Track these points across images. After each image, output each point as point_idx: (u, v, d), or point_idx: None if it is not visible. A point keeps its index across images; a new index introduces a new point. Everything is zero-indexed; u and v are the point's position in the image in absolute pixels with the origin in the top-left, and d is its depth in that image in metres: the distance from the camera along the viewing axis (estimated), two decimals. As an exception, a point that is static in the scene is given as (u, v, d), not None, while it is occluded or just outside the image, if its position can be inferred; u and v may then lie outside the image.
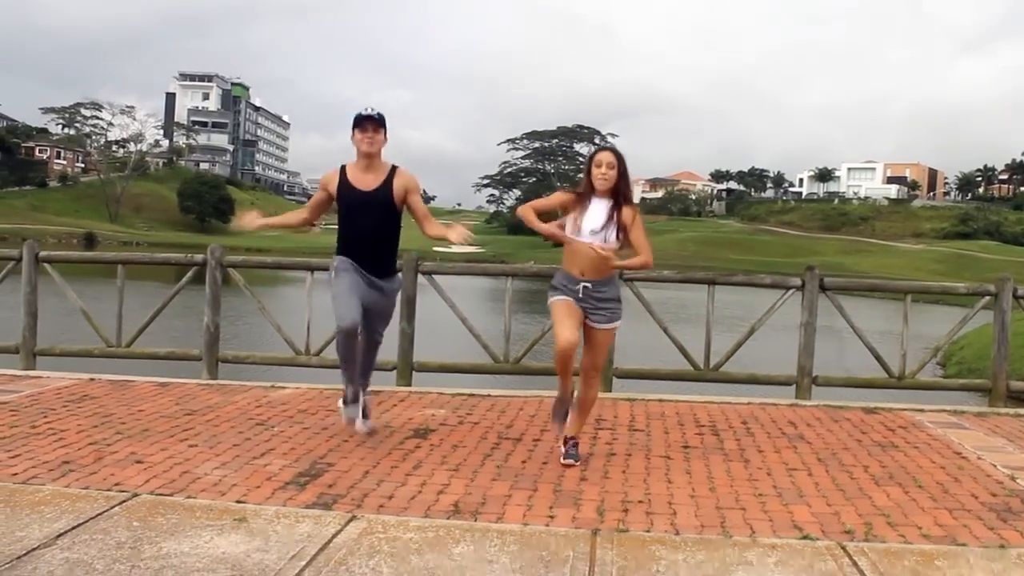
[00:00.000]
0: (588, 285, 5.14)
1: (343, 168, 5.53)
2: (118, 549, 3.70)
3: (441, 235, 5.50)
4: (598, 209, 5.12)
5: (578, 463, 5.20)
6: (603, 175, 5.09)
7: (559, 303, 5.17)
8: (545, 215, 5.31)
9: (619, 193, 5.14)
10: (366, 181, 5.46)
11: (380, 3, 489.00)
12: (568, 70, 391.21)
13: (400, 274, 5.89)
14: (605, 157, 5.13)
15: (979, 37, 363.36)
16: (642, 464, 5.32)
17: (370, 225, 5.48)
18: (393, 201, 5.47)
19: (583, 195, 5.16)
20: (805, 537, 4.12)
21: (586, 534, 4.09)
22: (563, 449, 5.31)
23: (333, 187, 5.52)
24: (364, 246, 5.49)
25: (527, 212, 5.27)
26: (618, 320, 5.28)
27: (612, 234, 5.08)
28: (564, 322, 5.09)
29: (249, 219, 5.78)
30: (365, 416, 5.76)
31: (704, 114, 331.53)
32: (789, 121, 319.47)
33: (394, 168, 5.53)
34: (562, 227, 5.21)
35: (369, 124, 5.36)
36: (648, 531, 4.17)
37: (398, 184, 5.48)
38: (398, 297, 5.86)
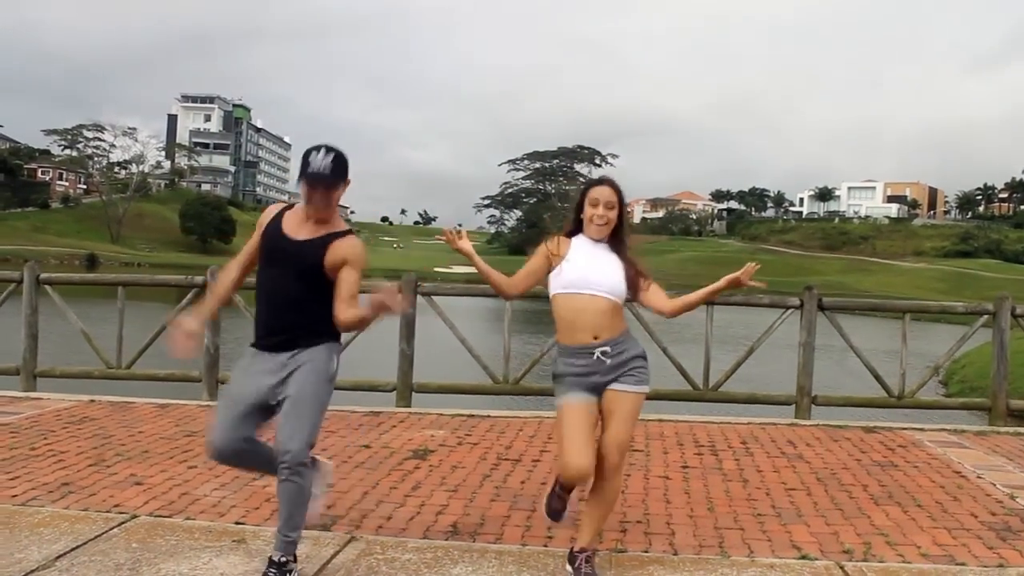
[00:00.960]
0: (607, 348, 3.81)
1: (286, 208, 3.97)
2: (117, 571, 3.70)
3: (357, 317, 3.76)
4: (596, 255, 3.90)
5: None
6: (601, 217, 3.88)
7: (573, 408, 3.78)
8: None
9: (620, 240, 3.94)
10: (301, 229, 3.80)
11: (381, 24, 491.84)
12: (571, 91, 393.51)
13: (330, 350, 3.85)
14: (603, 194, 3.89)
15: (981, 57, 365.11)
16: (641, 484, 5.32)
17: (285, 283, 3.77)
18: (321, 262, 3.74)
19: (567, 237, 3.98)
20: (803, 557, 4.13)
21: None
22: (571, 569, 3.84)
23: (264, 220, 3.94)
24: (273, 309, 3.82)
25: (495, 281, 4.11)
26: (648, 385, 3.91)
27: (618, 279, 3.86)
28: (577, 438, 3.72)
29: (185, 329, 3.83)
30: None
31: (706, 134, 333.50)
32: (791, 141, 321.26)
33: (337, 234, 3.81)
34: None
35: (318, 186, 3.70)
36: (646, 551, 4.18)
37: (335, 248, 3.76)
38: (324, 375, 3.77)
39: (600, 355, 3.81)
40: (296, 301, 3.78)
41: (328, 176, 3.71)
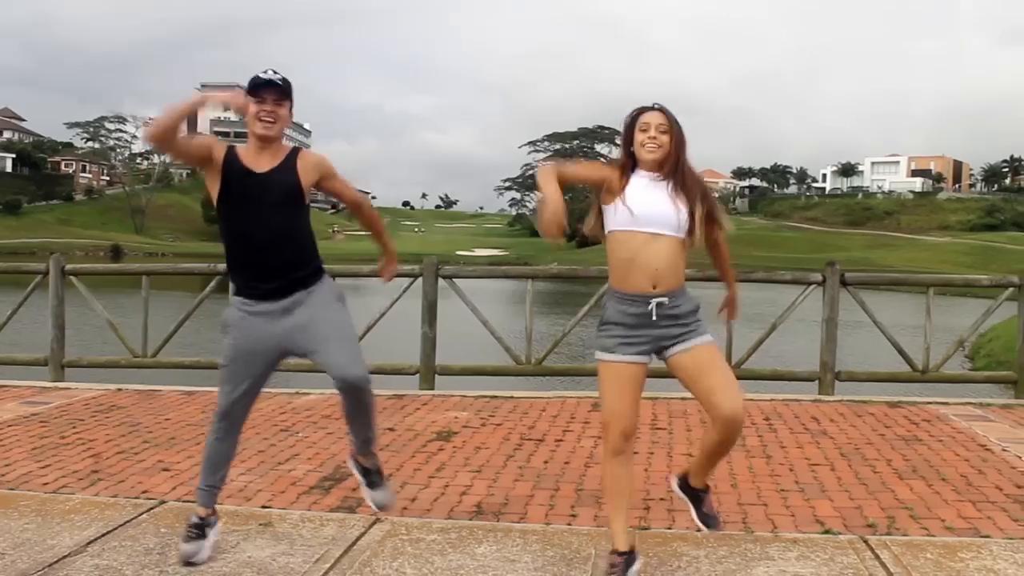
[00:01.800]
0: (664, 300, 3.48)
1: (231, 146, 3.80)
2: (147, 555, 3.77)
3: (379, 230, 4.08)
4: (652, 190, 3.52)
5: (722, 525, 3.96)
6: (653, 140, 3.50)
7: (614, 368, 3.52)
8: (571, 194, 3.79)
9: (679, 170, 3.53)
10: (260, 162, 3.72)
11: (400, 9, 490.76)
12: (592, 71, 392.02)
13: (330, 281, 3.86)
14: (653, 118, 3.52)
15: (1009, 29, 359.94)
16: (664, 462, 5.33)
17: (263, 222, 3.67)
18: (298, 187, 3.72)
19: (624, 172, 3.59)
20: (827, 531, 4.13)
21: (608, 532, 4.11)
22: (698, 512, 3.81)
23: (218, 154, 3.75)
24: (258, 253, 3.71)
25: (546, 175, 3.59)
26: (710, 333, 3.64)
27: (681, 214, 3.48)
28: (618, 398, 3.52)
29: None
30: (380, 486, 4.03)
31: (728, 112, 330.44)
32: (814, 117, 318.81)
33: (296, 149, 3.86)
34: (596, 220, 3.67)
35: (269, 93, 3.67)
36: (670, 528, 4.20)
37: (303, 164, 3.77)
38: (337, 304, 3.81)
39: (655, 307, 3.47)
40: (280, 237, 3.70)
41: (279, 80, 3.69)
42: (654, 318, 3.48)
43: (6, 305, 9.03)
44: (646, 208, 3.46)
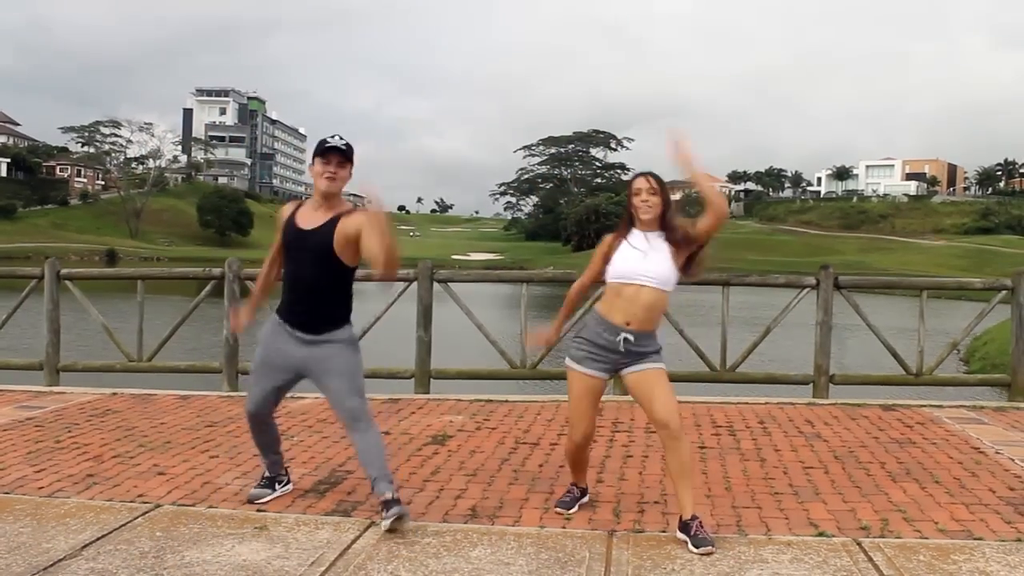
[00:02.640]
0: (630, 336, 4.19)
1: (299, 204, 4.55)
2: (142, 559, 3.77)
3: (383, 244, 4.17)
4: (648, 246, 4.25)
5: (713, 547, 3.93)
6: (644, 203, 4.24)
7: (579, 379, 4.32)
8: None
9: (668, 225, 4.27)
10: (312, 218, 4.37)
11: (394, 13, 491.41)
12: (590, 74, 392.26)
13: (350, 330, 4.48)
14: (642, 183, 4.27)
15: (1004, 33, 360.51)
16: (658, 466, 5.34)
17: (303, 270, 4.37)
18: (330, 247, 4.28)
19: (623, 232, 4.35)
20: (820, 534, 4.15)
21: (602, 535, 4.13)
22: (684, 538, 4.02)
23: (282, 219, 4.53)
24: (297, 294, 4.42)
25: (567, 302, 4.68)
26: (662, 363, 4.30)
27: (666, 269, 4.21)
28: (581, 408, 4.34)
29: (244, 317, 4.84)
30: (393, 507, 4.21)
31: (725, 116, 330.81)
32: (810, 121, 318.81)
33: (340, 215, 4.32)
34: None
35: (333, 156, 4.28)
36: (664, 531, 4.21)
37: (341, 228, 4.28)
38: (353, 355, 4.45)
39: (623, 340, 4.21)
40: (314, 286, 4.38)
41: (342, 148, 4.30)
42: (621, 350, 4.23)
43: (1, 310, 9.03)
44: (633, 267, 4.22)
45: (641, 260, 4.22)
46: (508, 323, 12.81)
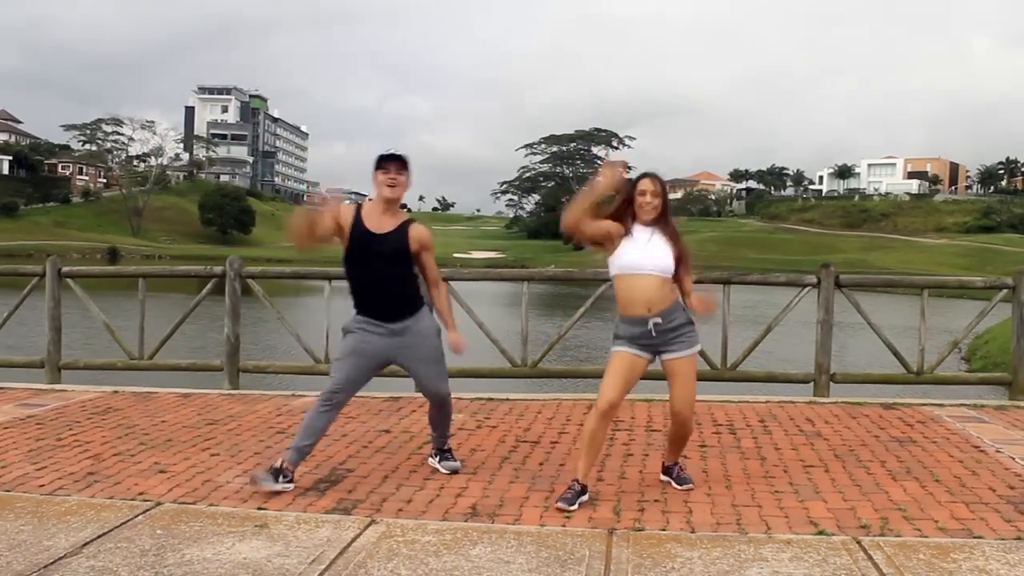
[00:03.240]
0: (659, 320, 4.63)
1: (359, 207, 5.01)
2: (142, 556, 3.78)
3: (445, 313, 5.20)
4: (648, 239, 4.69)
5: (694, 484, 4.86)
6: (649, 203, 4.67)
7: (620, 355, 4.70)
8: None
9: (667, 223, 4.75)
10: (381, 223, 4.91)
11: (396, 11, 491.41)
12: (592, 73, 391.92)
13: (430, 315, 5.10)
14: (649, 185, 4.70)
15: (1009, 30, 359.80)
16: (659, 464, 5.32)
17: (380, 272, 4.90)
18: (407, 248, 4.95)
19: (625, 225, 4.72)
20: (820, 532, 4.15)
21: (602, 533, 4.13)
22: (669, 479, 4.93)
23: (346, 221, 4.92)
24: (376, 292, 4.95)
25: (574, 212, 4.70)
26: (698, 344, 4.79)
27: (667, 258, 4.67)
28: (615, 378, 4.66)
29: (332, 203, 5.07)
30: (449, 458, 5.25)
31: (728, 114, 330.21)
32: (813, 119, 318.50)
33: (410, 220, 5.03)
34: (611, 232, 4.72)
35: (392, 165, 4.86)
36: (664, 529, 4.21)
37: (413, 235, 4.97)
38: (434, 336, 5.09)
39: (653, 325, 4.63)
40: (394, 285, 4.95)
41: (400, 156, 4.91)
42: (654, 335, 4.64)
43: (2, 308, 9.04)
44: (639, 257, 4.64)
45: (643, 252, 4.65)
46: (509, 321, 12.80)
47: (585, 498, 4.63)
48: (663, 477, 4.97)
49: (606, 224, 4.72)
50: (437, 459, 5.26)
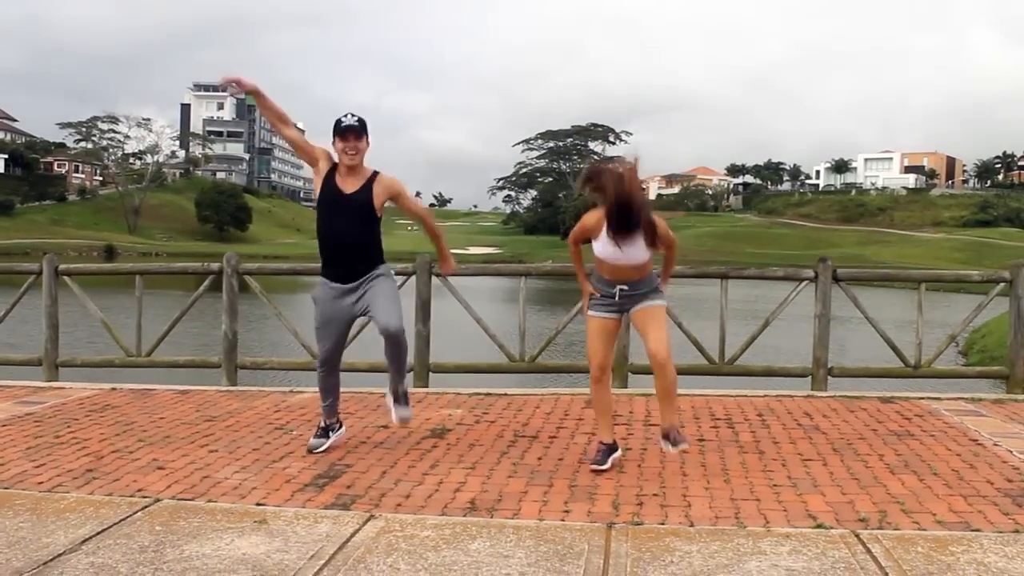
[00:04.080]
0: (625, 288, 5.10)
1: (335, 165, 5.31)
2: (141, 553, 3.78)
3: (438, 237, 5.71)
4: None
5: (689, 446, 5.19)
6: None
7: (594, 321, 5.20)
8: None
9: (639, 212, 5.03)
10: (347, 184, 5.24)
11: (393, 7, 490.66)
12: (591, 68, 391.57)
13: (385, 268, 5.44)
14: None
15: (1008, 24, 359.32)
16: (657, 458, 5.35)
17: (345, 228, 5.26)
18: (372, 205, 5.26)
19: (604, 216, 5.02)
20: (819, 526, 4.15)
21: (601, 528, 4.13)
22: (666, 443, 5.12)
23: (324, 169, 5.30)
24: (340, 251, 5.30)
25: (573, 254, 5.44)
26: (662, 299, 5.18)
27: (640, 251, 4.99)
28: (595, 343, 5.18)
29: (244, 80, 5.35)
30: (402, 404, 5.60)
31: (726, 109, 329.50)
32: (811, 114, 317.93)
33: (375, 173, 5.31)
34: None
35: (351, 134, 5.15)
36: (663, 523, 4.21)
37: (378, 190, 5.26)
38: (388, 280, 5.41)
39: (619, 292, 5.11)
40: (357, 242, 5.26)
41: (356, 123, 5.17)
42: (617, 299, 5.14)
43: (0, 306, 9.03)
44: (612, 252, 4.98)
45: (617, 247, 4.95)
46: (507, 317, 12.81)
47: (618, 454, 5.20)
48: (662, 443, 5.14)
49: (586, 235, 5.15)
50: (391, 400, 5.55)
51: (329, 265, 5.38)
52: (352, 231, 5.26)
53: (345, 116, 5.19)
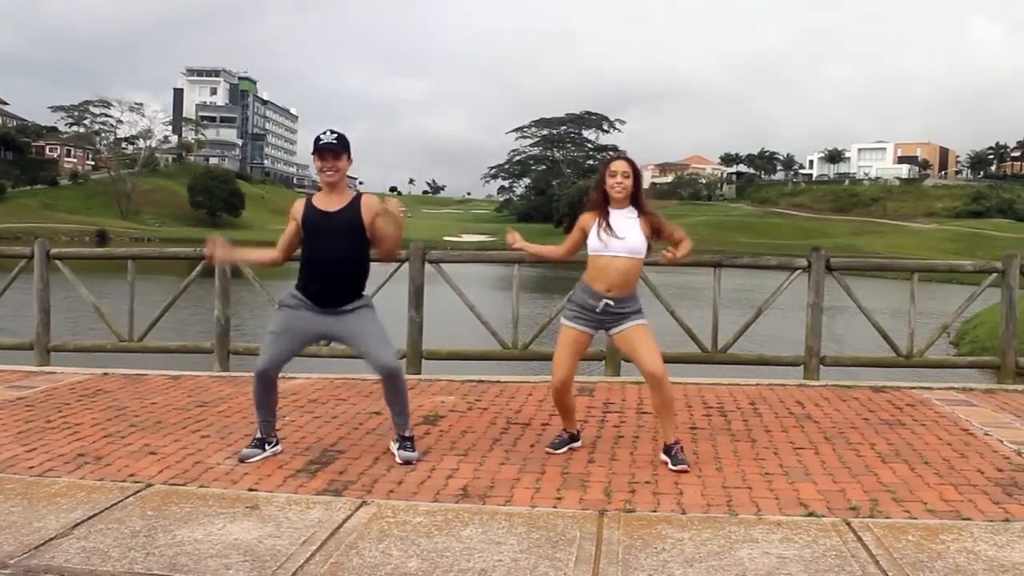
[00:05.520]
0: (611, 302, 4.94)
1: (309, 196, 5.07)
2: (133, 537, 3.77)
3: (383, 221, 4.96)
4: (620, 219, 4.96)
5: (688, 467, 4.84)
6: (619, 184, 4.93)
7: (567, 331, 5.08)
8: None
9: (637, 201, 4.99)
10: (329, 203, 4.95)
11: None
12: (589, 54, 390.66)
13: (367, 301, 5.07)
14: (620, 166, 4.96)
15: (1007, 15, 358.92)
16: (650, 446, 5.36)
17: (333, 248, 4.90)
18: (360, 221, 4.92)
19: (597, 208, 5.02)
20: (810, 514, 4.16)
21: (593, 515, 4.14)
22: (666, 459, 4.93)
23: (299, 214, 5.01)
24: (326, 273, 4.93)
25: (552, 250, 5.47)
26: (644, 318, 5.01)
27: (637, 241, 4.92)
28: (563, 355, 5.09)
29: (222, 251, 5.33)
30: (408, 448, 5.07)
31: (721, 98, 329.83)
32: (808, 105, 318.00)
33: (359, 195, 5.04)
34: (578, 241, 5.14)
35: (329, 153, 4.85)
36: (655, 511, 4.22)
37: (365, 206, 4.96)
38: (374, 315, 5.05)
39: (604, 305, 4.95)
40: (343, 262, 4.93)
41: (334, 141, 4.86)
42: (598, 312, 4.98)
43: (-9, 289, 8.99)
44: (607, 240, 4.92)
45: (612, 236, 4.91)
46: (500, 304, 12.82)
47: (577, 444, 5.29)
48: (663, 457, 4.98)
49: (576, 235, 5.11)
50: (396, 445, 5.09)
51: (309, 282, 4.98)
52: (340, 251, 4.92)
53: (324, 133, 4.91)
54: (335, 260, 4.92)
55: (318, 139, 4.89)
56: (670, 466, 4.85)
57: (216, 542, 3.74)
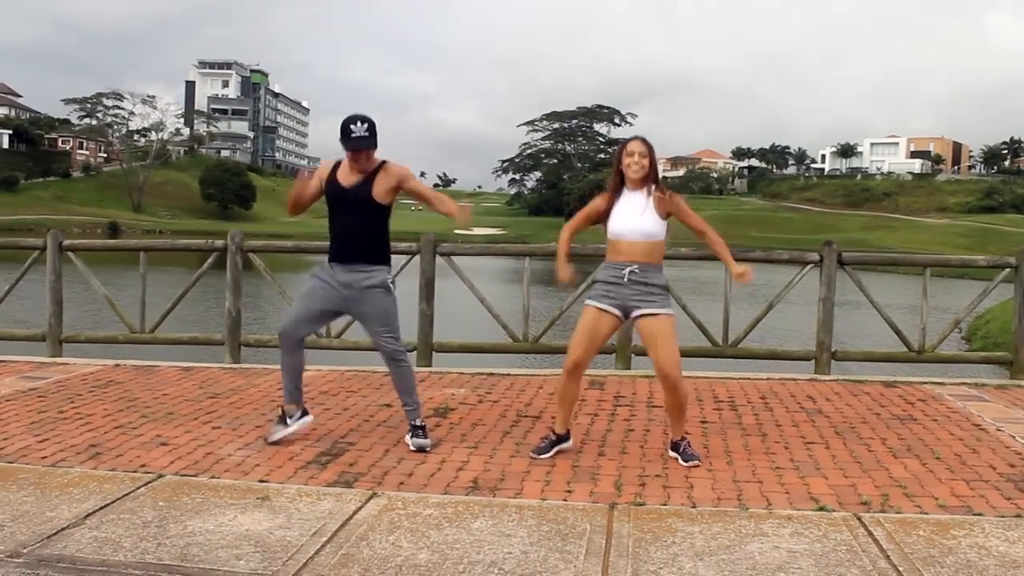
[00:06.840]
0: (635, 268, 4.85)
1: (337, 164, 5.18)
2: (145, 528, 3.79)
3: (451, 212, 5.14)
4: (635, 201, 4.94)
5: (700, 462, 4.84)
6: (636, 163, 4.90)
7: (589, 311, 4.97)
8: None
9: (653, 182, 4.96)
10: (349, 178, 5.08)
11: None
12: (602, 47, 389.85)
13: (385, 274, 5.16)
14: (636, 146, 4.94)
15: (1020, 8, 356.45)
16: (660, 440, 5.35)
17: (347, 222, 5.11)
18: (371, 197, 5.04)
19: (614, 190, 5.01)
20: (821, 508, 4.16)
21: (603, 508, 4.14)
22: (676, 455, 4.92)
23: (323, 177, 5.19)
24: (342, 244, 5.13)
25: (562, 237, 5.24)
26: (670, 307, 4.94)
27: (654, 224, 4.88)
28: (581, 336, 4.95)
29: (300, 182, 5.32)
30: (419, 436, 5.13)
31: (735, 92, 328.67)
32: (822, 99, 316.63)
33: (382, 164, 5.10)
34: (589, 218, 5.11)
35: (361, 154, 4.99)
36: (665, 504, 4.22)
37: (381, 179, 5.06)
38: (385, 297, 5.15)
39: (630, 272, 4.86)
40: (359, 233, 5.10)
41: (369, 142, 4.95)
42: (625, 281, 4.87)
43: (3, 281, 9.03)
44: (625, 224, 4.91)
45: (633, 218, 4.89)
46: (510, 297, 12.82)
47: (566, 445, 5.07)
48: (671, 453, 4.97)
49: (590, 214, 5.09)
50: (409, 434, 5.16)
51: (331, 242, 5.19)
52: (353, 224, 5.09)
53: (355, 124, 4.93)
54: (349, 233, 5.12)
55: (349, 131, 4.93)
56: (681, 462, 4.83)
57: (227, 533, 3.76)
